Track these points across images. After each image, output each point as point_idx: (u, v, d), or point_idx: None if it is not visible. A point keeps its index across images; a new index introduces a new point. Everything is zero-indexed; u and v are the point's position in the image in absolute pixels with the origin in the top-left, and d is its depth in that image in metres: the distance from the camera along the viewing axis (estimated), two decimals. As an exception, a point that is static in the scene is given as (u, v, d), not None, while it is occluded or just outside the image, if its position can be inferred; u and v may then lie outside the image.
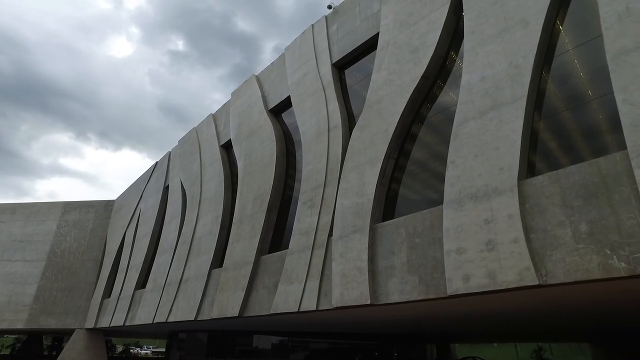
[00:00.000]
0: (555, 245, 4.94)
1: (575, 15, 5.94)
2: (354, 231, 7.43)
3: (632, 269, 4.34)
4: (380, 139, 7.58)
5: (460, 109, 6.33)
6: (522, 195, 5.34)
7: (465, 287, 5.57)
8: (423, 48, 7.44)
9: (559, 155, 5.69)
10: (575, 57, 5.81)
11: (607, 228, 4.60)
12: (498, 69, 6.07)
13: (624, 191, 4.56)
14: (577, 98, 5.69)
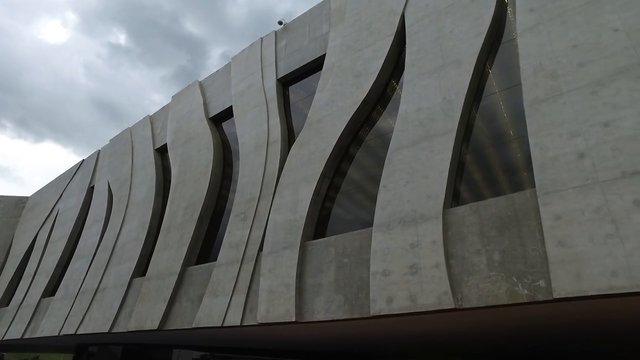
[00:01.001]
0: (471, 271, 5.27)
1: (502, 63, 6.51)
2: (285, 247, 7.42)
3: (532, 295, 4.75)
4: (318, 157, 7.71)
5: (396, 136, 6.63)
6: (446, 223, 5.66)
7: (388, 309, 5.75)
8: (366, 74, 7.74)
9: (480, 187, 6.12)
10: (500, 99, 6.34)
11: (515, 258, 5.00)
12: (433, 102, 6.47)
13: (531, 225, 5.00)
14: (499, 136, 6.19)
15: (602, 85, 4.96)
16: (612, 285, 4.30)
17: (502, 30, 6.62)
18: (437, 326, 6.81)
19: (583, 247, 4.54)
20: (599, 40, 5.18)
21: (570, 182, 4.82)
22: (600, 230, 4.50)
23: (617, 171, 4.57)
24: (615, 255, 4.36)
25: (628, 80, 4.80)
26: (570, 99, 5.13)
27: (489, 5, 6.59)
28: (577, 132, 4.94)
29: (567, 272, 4.57)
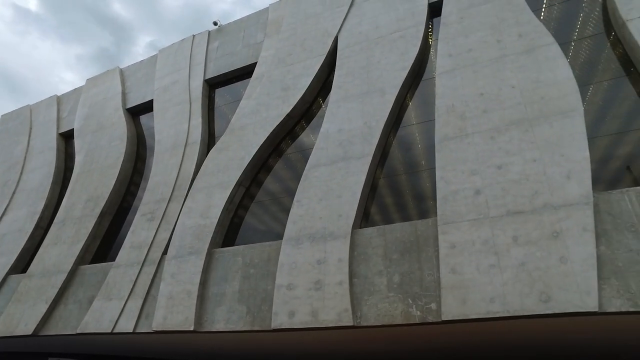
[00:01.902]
0: (372, 291, 5.51)
1: (421, 98, 7.01)
2: (191, 253, 7.14)
3: (424, 317, 5.10)
4: (236, 164, 7.60)
5: (315, 154, 6.78)
6: (353, 242, 5.88)
7: (289, 322, 5.77)
8: (294, 89, 7.85)
9: (389, 212, 6.46)
10: (416, 131, 6.79)
11: (413, 281, 5.34)
12: (354, 125, 6.74)
13: (430, 251, 5.39)
14: (411, 165, 6.61)
15: (499, 132, 5.57)
16: (489, 310, 4.77)
17: (424, 68, 7.16)
18: (338, 342, 6.98)
19: (470, 274, 4.99)
20: (500, 93, 5.83)
21: (466, 215, 5.29)
22: (485, 261, 4.99)
23: (504, 209, 5.12)
24: (494, 283, 4.85)
25: (519, 131, 5.46)
26: (474, 140, 5.68)
27: (415, 44, 7.09)
28: (476, 171, 5.47)
29: (455, 296, 4.98)
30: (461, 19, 6.85)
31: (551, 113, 5.44)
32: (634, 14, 5.65)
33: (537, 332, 5.76)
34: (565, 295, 4.57)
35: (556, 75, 5.66)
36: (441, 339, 6.43)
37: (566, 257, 4.71)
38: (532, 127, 5.44)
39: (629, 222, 4.71)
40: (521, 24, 6.30)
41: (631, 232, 4.65)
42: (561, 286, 4.62)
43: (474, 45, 6.44)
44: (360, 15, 8.03)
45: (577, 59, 6.20)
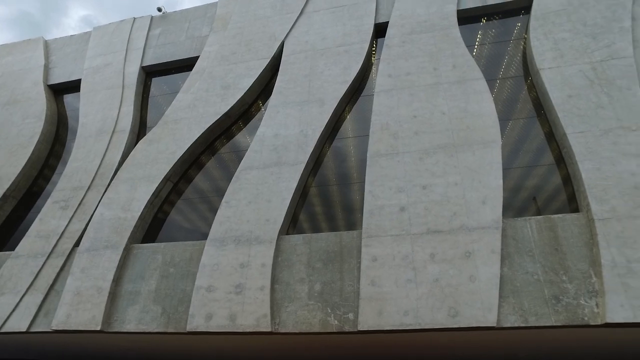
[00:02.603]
0: (292, 298, 5.52)
1: (358, 112, 7.22)
2: (107, 247, 6.69)
3: (340, 326, 5.21)
4: (166, 158, 7.28)
5: (249, 156, 6.71)
6: (278, 248, 5.87)
7: (205, 325, 5.60)
8: (234, 88, 7.73)
9: (316, 220, 6.54)
10: (351, 144, 6.97)
11: (333, 290, 5.44)
12: (291, 132, 6.77)
13: (352, 262, 5.54)
14: (343, 177, 6.76)
15: (427, 154, 5.90)
16: (403, 323, 4.99)
17: (364, 85, 7.40)
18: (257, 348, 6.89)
19: (388, 288, 5.20)
20: (432, 117, 6.19)
21: (390, 230, 5.51)
22: (403, 275, 5.22)
23: (425, 227, 5.41)
24: (410, 297, 5.09)
25: (444, 155, 5.82)
26: (404, 159, 5.96)
27: (358, 60, 7.31)
28: (403, 189, 5.73)
29: (372, 308, 5.15)
30: (403, 42, 7.19)
31: (474, 142, 5.87)
32: (545, 64, 6.30)
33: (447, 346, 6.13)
34: (470, 311, 4.92)
35: (481, 107, 6.13)
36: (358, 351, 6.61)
37: (475, 276, 5.07)
38: (456, 153, 5.83)
39: (528, 247, 5.19)
40: (456, 56, 6.75)
41: (529, 256, 5.13)
42: (468, 302, 4.96)
43: (413, 70, 6.79)
44: (309, 25, 8.13)
45: (500, 96, 6.77)
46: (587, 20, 6.57)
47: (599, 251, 4.98)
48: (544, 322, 4.84)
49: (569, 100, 5.95)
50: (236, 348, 6.83)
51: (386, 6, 7.89)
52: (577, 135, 5.66)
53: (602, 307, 4.73)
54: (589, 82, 6.03)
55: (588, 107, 5.84)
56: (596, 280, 4.92)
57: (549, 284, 5.02)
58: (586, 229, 5.23)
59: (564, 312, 4.85)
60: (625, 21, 6.35)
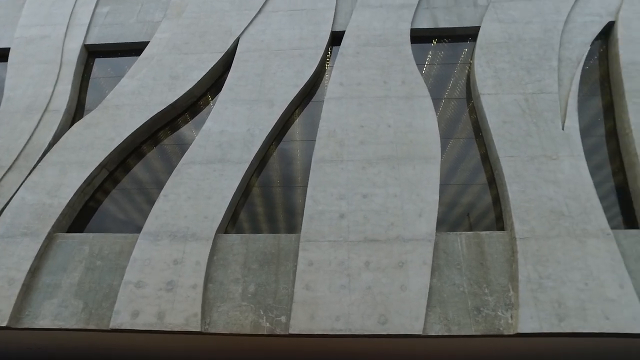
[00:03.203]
0: (225, 298, 5.43)
1: (307, 117, 7.27)
2: (26, 234, 6.19)
3: (272, 328, 5.19)
4: (103, 145, 6.89)
5: (193, 150, 6.53)
6: (215, 247, 5.75)
7: (130, 323, 5.34)
8: (183, 79, 7.49)
9: (256, 221, 6.49)
10: (298, 147, 6.99)
11: (267, 292, 5.41)
12: (238, 129, 6.67)
13: (289, 265, 5.55)
14: (287, 180, 6.76)
15: (370, 164, 6.07)
16: (334, 328, 5.07)
17: (316, 90, 7.47)
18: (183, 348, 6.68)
19: (322, 292, 5.26)
20: (378, 129, 6.38)
21: (328, 236, 5.59)
22: (338, 281, 5.31)
23: (362, 236, 5.55)
24: (342, 303, 5.19)
25: (386, 167, 6.02)
26: (347, 167, 6.08)
27: (312, 65, 7.37)
28: (344, 196, 5.84)
29: (305, 312, 5.19)
30: (357, 53, 7.36)
31: (415, 156, 6.12)
32: (486, 90, 6.73)
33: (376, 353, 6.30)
34: (399, 319, 5.10)
35: (425, 124, 6.41)
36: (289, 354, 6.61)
37: (406, 286, 5.27)
38: (398, 165, 6.04)
39: (457, 260, 5.49)
40: (406, 72, 7.02)
41: (457, 269, 5.43)
42: (398, 311, 5.14)
43: (364, 81, 6.96)
44: (266, 24, 8.08)
45: (443, 115, 7.12)
46: (524, 55, 7.10)
47: (517, 267, 5.37)
48: (465, 332, 5.13)
49: (503, 125, 6.39)
50: (164, 348, 6.58)
51: (344, 16, 8.03)
52: (507, 159, 6.08)
53: (516, 318, 5.11)
54: (521, 111, 6.51)
55: (519, 134, 6.30)
56: (513, 294, 5.30)
57: (472, 296, 5.33)
58: (509, 247, 5.63)
59: (483, 322, 5.17)
60: (553, 61, 6.94)
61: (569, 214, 5.70)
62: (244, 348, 6.37)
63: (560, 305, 5.14)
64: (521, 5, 7.77)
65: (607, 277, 5.27)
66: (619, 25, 7.36)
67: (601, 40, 7.58)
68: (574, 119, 6.42)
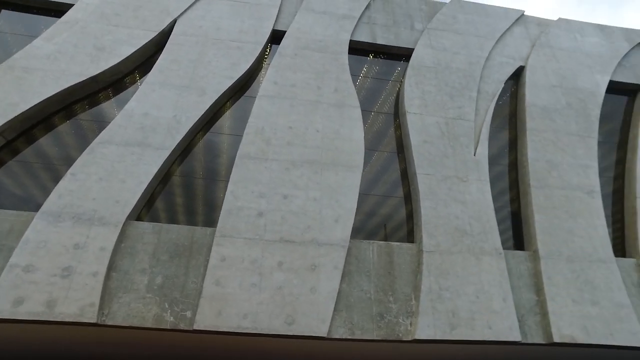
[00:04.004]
0: (129, 288, 5.13)
1: (238, 111, 7.15)
2: None
3: (176, 323, 5.01)
4: (2, 109, 6.18)
5: (111, 129, 6.11)
6: (123, 233, 5.42)
7: (11, 312, 4.83)
8: (110, 52, 6.99)
9: (172, 211, 6.24)
10: (224, 141, 6.84)
11: (175, 285, 5.22)
12: (163, 114, 6.37)
13: (200, 259, 5.40)
14: (209, 172, 6.59)
15: (294, 166, 6.13)
16: (240, 325, 5.03)
17: (249, 85, 7.38)
18: (79, 340, 6.18)
19: (232, 289, 5.19)
20: (306, 132, 6.47)
21: (244, 233, 5.54)
22: (249, 279, 5.28)
23: (278, 235, 5.58)
24: (251, 301, 5.16)
25: (310, 171, 6.12)
26: (271, 167, 6.08)
27: (248, 60, 7.27)
28: (265, 195, 5.83)
29: (212, 308, 5.08)
30: (295, 55, 7.40)
31: (339, 163, 6.29)
32: (412, 109, 7.15)
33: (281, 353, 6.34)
34: (306, 320, 5.20)
35: (352, 133, 6.62)
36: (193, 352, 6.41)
37: (316, 288, 5.39)
38: (321, 170, 6.17)
39: (367, 267, 5.74)
40: (340, 81, 7.20)
41: (366, 276, 5.67)
42: (305, 312, 5.23)
43: (298, 83, 7.02)
44: (207, 10, 7.83)
45: (371, 127, 7.41)
46: (449, 81, 7.65)
47: (421, 278, 5.74)
48: (367, 336, 5.37)
49: (424, 144, 6.81)
50: (54, 341, 6.04)
51: (287, 16, 8.05)
52: (424, 177, 6.49)
53: (414, 325, 5.45)
54: (441, 133, 7.00)
55: (437, 154, 6.75)
56: (414, 302, 5.65)
57: (377, 302, 5.59)
58: (416, 258, 6.00)
59: (385, 328, 5.45)
60: (474, 92, 7.57)
61: (471, 232, 6.22)
62: (146, 343, 6.07)
63: (454, 315, 5.58)
64: (452, 37, 8.36)
65: (494, 291, 5.83)
66: (527, 71, 8.22)
67: (513, 81, 8.41)
68: (485, 146, 7.04)
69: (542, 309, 6.03)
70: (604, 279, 6.31)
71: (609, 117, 8.53)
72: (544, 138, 7.46)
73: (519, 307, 5.95)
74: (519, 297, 6.04)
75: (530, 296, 6.12)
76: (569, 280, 6.23)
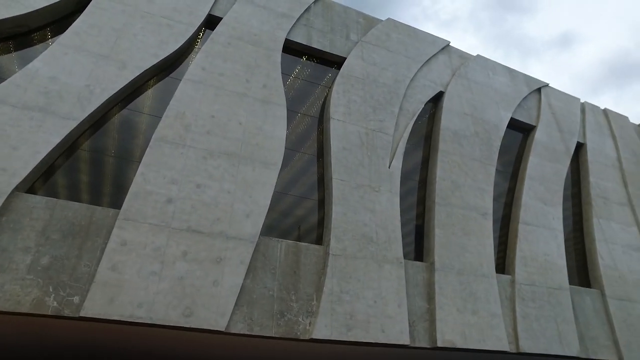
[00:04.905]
0: (5, 268, 4.63)
1: (160, 91, 6.80)
2: None
3: (59, 309, 4.62)
4: None
5: (7, 87, 5.40)
6: (7, 206, 4.87)
7: None
8: (16, 1, 6.26)
9: (71, 187, 5.75)
10: (139, 120, 6.47)
11: (64, 267, 4.81)
12: (75, 81, 5.86)
13: (98, 242, 5.05)
14: (121, 151, 6.16)
15: (212, 155, 5.99)
16: (133, 315, 4.78)
17: (176, 67, 7.06)
18: None
19: (129, 276, 4.92)
20: (228, 123, 6.36)
21: (150, 218, 5.28)
22: (149, 267, 5.04)
23: (186, 225, 5.41)
24: (148, 290, 4.94)
25: (227, 163, 6.03)
26: (187, 153, 5.88)
27: (178, 40, 6.96)
28: (177, 181, 5.62)
29: (104, 294, 4.77)
30: (228, 44, 7.25)
31: (258, 159, 6.28)
32: (336, 116, 7.36)
33: (178, 346, 6.12)
34: (205, 313, 5.09)
35: (275, 131, 6.64)
36: (80, 342, 5.93)
37: (219, 282, 5.31)
38: (239, 164, 6.10)
39: (273, 265, 5.78)
40: (270, 78, 7.19)
41: (272, 273, 5.71)
42: (205, 305, 5.13)
43: (227, 73, 6.88)
44: (139, -20, 7.35)
45: (295, 128, 7.49)
46: (374, 94, 8.01)
47: (324, 280, 5.92)
48: (266, 333, 5.40)
49: (343, 151, 7.04)
50: None
51: (226, 3, 7.85)
52: (339, 182, 6.71)
53: (313, 325, 5.60)
54: (360, 142, 7.29)
55: (354, 163, 7.02)
56: (315, 303, 5.81)
57: (280, 300, 5.66)
58: (322, 260, 6.17)
59: (284, 326, 5.53)
60: (396, 108, 8.01)
61: (376, 240, 6.55)
62: (25, 330, 5.49)
63: (352, 317, 5.84)
64: (383, 53, 8.77)
65: (391, 297, 6.20)
66: (445, 96, 8.90)
67: (432, 104, 9.04)
68: (400, 161, 7.47)
69: (431, 316, 6.53)
70: (485, 291, 7.02)
71: (507, 150, 9.52)
72: (452, 160, 8.11)
73: (411, 313, 6.38)
74: (412, 304, 6.48)
75: (423, 304, 6.60)
76: (457, 291, 6.83)
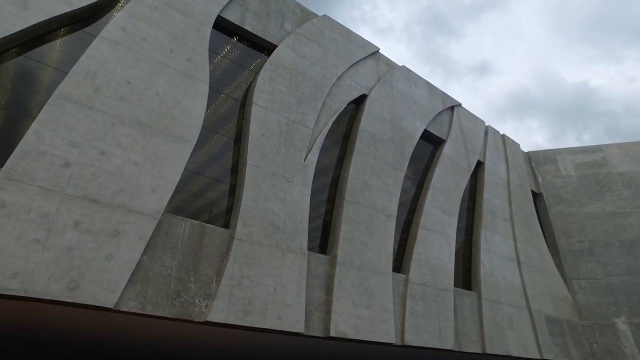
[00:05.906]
0: None
1: (70, 47, 6.20)
2: None
3: None
4: None
5: None
6: None
7: None
8: None
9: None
10: (47, 75, 5.83)
11: None
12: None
13: (-29, 201, 4.48)
14: (15, 103, 5.54)
15: (122, 123, 5.62)
16: (4, 286, 4.33)
17: (92, 21, 6.47)
18: None
19: (5, 242, 4.46)
20: (144, 92, 6.01)
21: (40, 181, 4.82)
22: (32, 233, 4.61)
23: (83, 192, 5.02)
24: (28, 259, 4.51)
25: (138, 133, 5.70)
26: (95, 117, 5.45)
27: (98, -7, 6.39)
28: (79, 145, 5.19)
29: (-29, 259, 4.26)
30: (156, 8, 6.83)
31: (171, 133, 6.02)
32: (259, 102, 7.32)
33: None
34: (93, 288, 4.79)
35: (193, 107, 6.42)
36: None
37: (113, 256, 5.02)
38: (151, 135, 5.80)
39: (175, 244, 5.61)
40: (195, 52, 6.91)
41: (172, 252, 5.54)
42: (94, 280, 4.82)
43: (151, 39, 6.49)
44: None
45: (217, 109, 7.30)
46: (300, 87, 8.09)
47: (226, 264, 5.88)
48: (159, 313, 5.23)
49: (261, 138, 7.03)
50: None
51: (156, -36, 7.37)
52: (253, 168, 6.69)
53: (209, 308, 5.54)
54: (280, 132, 7.33)
55: (270, 151, 7.04)
56: (214, 286, 5.75)
57: (177, 280, 5.51)
58: (226, 244, 6.12)
59: (179, 307, 5.39)
60: (319, 103, 8.18)
61: (283, 229, 6.65)
62: None
63: (250, 303, 5.87)
64: (315, 47, 8.88)
65: (291, 286, 6.35)
66: (368, 99, 9.29)
67: (355, 105, 9.38)
68: (316, 155, 7.64)
69: (327, 307, 6.80)
70: (380, 288, 7.48)
71: (418, 159, 10.21)
72: (366, 161, 8.50)
73: (309, 303, 6.59)
74: (311, 294, 6.69)
75: (321, 295, 6.85)
76: (355, 285, 7.19)
